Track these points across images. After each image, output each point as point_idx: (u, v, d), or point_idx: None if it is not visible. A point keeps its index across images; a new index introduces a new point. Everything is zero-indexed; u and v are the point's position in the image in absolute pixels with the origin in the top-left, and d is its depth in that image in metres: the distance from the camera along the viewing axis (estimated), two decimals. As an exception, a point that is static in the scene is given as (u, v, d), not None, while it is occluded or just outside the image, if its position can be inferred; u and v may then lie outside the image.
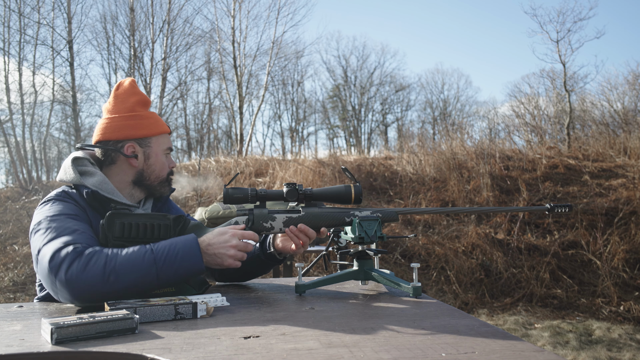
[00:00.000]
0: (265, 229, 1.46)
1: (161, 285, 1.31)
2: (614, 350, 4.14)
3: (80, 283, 1.23)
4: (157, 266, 1.28)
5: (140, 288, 1.28)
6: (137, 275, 1.27)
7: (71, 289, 1.24)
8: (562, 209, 1.53)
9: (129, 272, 1.26)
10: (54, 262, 1.26)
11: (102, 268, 1.25)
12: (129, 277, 1.26)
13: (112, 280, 1.24)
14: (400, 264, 6.37)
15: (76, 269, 1.24)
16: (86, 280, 1.23)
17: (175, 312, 1.19)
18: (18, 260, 7.06)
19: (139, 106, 1.61)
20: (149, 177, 1.61)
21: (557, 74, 14.86)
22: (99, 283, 1.24)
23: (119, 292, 1.26)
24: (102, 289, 1.24)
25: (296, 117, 25.09)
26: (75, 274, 1.24)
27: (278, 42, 15.65)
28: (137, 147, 1.58)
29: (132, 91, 1.61)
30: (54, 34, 12.80)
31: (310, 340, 0.98)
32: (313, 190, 1.47)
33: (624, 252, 6.13)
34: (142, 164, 1.59)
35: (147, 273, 1.28)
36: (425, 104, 26.96)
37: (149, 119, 1.61)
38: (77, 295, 1.24)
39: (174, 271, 1.30)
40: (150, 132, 1.60)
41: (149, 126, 1.60)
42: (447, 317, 1.17)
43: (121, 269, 1.26)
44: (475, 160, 8.10)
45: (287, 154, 19.68)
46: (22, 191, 10.38)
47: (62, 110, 16.33)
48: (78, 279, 1.23)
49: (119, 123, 1.58)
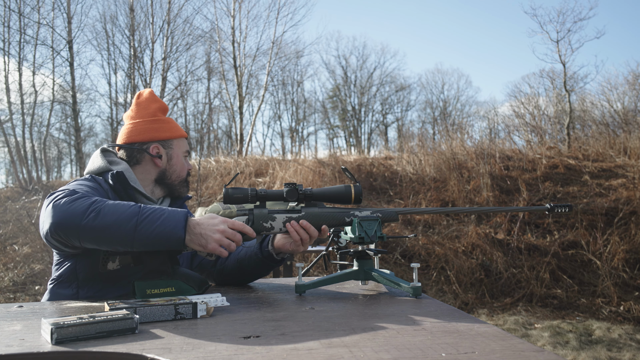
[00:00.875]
0: (266, 228, 1.46)
1: (136, 241, 1.31)
2: (614, 350, 4.14)
3: (63, 211, 1.32)
4: (138, 218, 1.31)
5: (116, 235, 1.31)
6: (117, 219, 1.31)
7: (54, 213, 1.32)
8: (562, 209, 1.53)
9: (109, 214, 1.31)
10: (52, 197, 1.38)
11: (87, 205, 1.33)
12: (107, 219, 1.30)
13: (92, 217, 1.30)
14: (400, 264, 6.37)
15: (64, 201, 1.34)
16: (68, 209, 1.32)
17: (176, 312, 1.19)
18: (18, 260, 7.06)
19: (160, 112, 1.76)
20: (171, 176, 1.74)
21: (557, 74, 14.86)
22: (79, 215, 1.31)
23: (94, 230, 1.30)
24: (79, 221, 1.30)
25: (296, 117, 25.11)
26: (62, 204, 1.33)
27: (278, 42, 15.67)
28: (161, 149, 1.72)
29: (153, 99, 1.76)
30: (54, 34, 12.80)
31: (310, 340, 0.98)
32: (313, 190, 1.47)
33: (624, 252, 6.13)
34: (165, 164, 1.72)
35: (127, 221, 1.31)
36: (425, 104, 26.98)
37: (169, 123, 1.76)
38: (56, 222, 1.31)
39: (152, 230, 1.31)
40: (171, 135, 1.74)
41: (170, 130, 1.74)
42: (447, 317, 1.17)
43: (104, 210, 1.32)
44: (475, 160, 8.10)
45: (287, 154, 19.68)
46: (22, 191, 10.38)
47: (62, 110, 16.33)
48: (62, 208, 1.32)
49: (143, 127, 1.72)
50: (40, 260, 6.99)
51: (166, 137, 1.73)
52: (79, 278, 1.54)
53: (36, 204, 9.10)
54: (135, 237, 1.30)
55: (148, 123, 1.72)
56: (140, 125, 1.72)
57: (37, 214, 8.58)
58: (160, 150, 1.72)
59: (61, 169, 25.76)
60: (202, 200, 8.09)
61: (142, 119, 1.72)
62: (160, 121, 1.74)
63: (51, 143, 19.84)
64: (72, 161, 23.93)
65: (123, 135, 1.73)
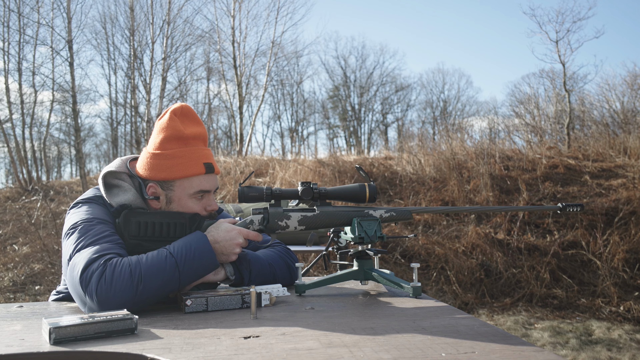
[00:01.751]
0: (280, 227, 1.46)
1: (182, 286, 1.32)
2: (614, 351, 4.14)
3: (110, 297, 1.22)
4: (179, 269, 1.30)
5: (165, 292, 1.30)
6: (163, 280, 1.27)
7: (101, 304, 1.22)
8: (574, 209, 1.53)
9: (154, 278, 1.26)
10: (84, 275, 1.25)
11: (129, 278, 1.24)
12: (155, 283, 1.26)
13: (141, 290, 1.24)
14: (400, 264, 6.37)
15: (104, 284, 1.22)
16: (115, 293, 1.22)
17: (242, 301, 1.29)
18: (18, 261, 7.05)
19: (170, 143, 1.47)
20: None
21: (557, 74, 14.87)
22: (129, 293, 1.23)
23: (147, 300, 1.27)
24: (131, 298, 1.23)
25: (296, 117, 25.10)
26: (105, 289, 1.22)
27: (277, 42, 15.66)
28: (159, 189, 1.49)
29: (167, 125, 1.48)
30: (53, 33, 12.80)
31: (310, 340, 0.98)
32: (328, 189, 1.48)
33: (624, 252, 6.13)
34: (163, 206, 1.50)
35: (171, 277, 1.29)
36: (426, 104, 26.98)
37: (177, 159, 1.46)
38: (104, 305, 1.23)
39: (194, 271, 1.33)
40: (171, 175, 1.46)
41: (172, 167, 1.46)
42: (447, 317, 1.17)
43: (147, 276, 1.25)
44: (475, 160, 8.09)
45: (287, 154, 19.68)
46: (22, 191, 10.37)
47: (62, 110, 16.33)
48: (108, 293, 1.22)
49: (146, 160, 1.50)
50: (40, 260, 6.99)
51: (163, 177, 1.47)
52: None
53: (36, 204, 9.10)
54: (181, 285, 1.32)
55: (150, 157, 1.48)
56: (145, 158, 1.51)
57: (36, 214, 8.58)
58: (157, 190, 1.49)
59: (61, 169, 25.77)
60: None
61: (149, 150, 1.50)
62: (162, 156, 1.47)
63: (51, 143, 19.83)
64: (72, 161, 23.94)
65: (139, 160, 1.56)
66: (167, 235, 1.41)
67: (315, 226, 1.46)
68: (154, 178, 1.48)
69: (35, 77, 12.68)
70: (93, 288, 1.22)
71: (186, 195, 1.48)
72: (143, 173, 1.50)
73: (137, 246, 1.39)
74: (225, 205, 3.47)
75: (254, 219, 1.47)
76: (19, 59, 12.51)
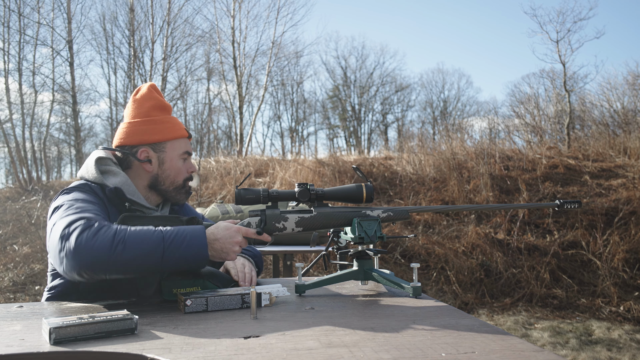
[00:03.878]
0: (278, 229, 1.46)
1: (164, 268, 1.30)
2: (614, 351, 4.14)
3: (87, 250, 1.22)
4: (164, 245, 1.28)
5: (144, 266, 1.27)
6: (144, 250, 1.26)
7: (78, 255, 1.22)
8: (572, 205, 1.53)
9: (136, 245, 1.26)
10: (65, 230, 1.26)
11: (111, 237, 1.25)
12: (135, 250, 1.25)
13: (119, 251, 1.24)
14: (400, 264, 6.37)
15: (86, 237, 1.24)
16: (93, 247, 1.23)
17: (242, 301, 1.29)
18: (18, 261, 7.06)
19: (156, 111, 1.63)
20: (164, 182, 1.63)
21: (557, 74, 14.87)
22: (106, 251, 1.23)
23: (123, 264, 1.25)
24: (108, 258, 1.23)
25: (296, 117, 25.10)
26: (85, 241, 1.23)
27: (278, 43, 15.67)
28: (151, 152, 1.61)
29: (149, 96, 1.64)
30: (53, 34, 12.80)
31: (310, 340, 0.98)
32: (325, 190, 1.48)
33: (624, 252, 6.13)
34: (156, 169, 1.62)
35: (154, 250, 1.27)
36: (426, 104, 26.98)
37: (165, 123, 1.62)
38: (83, 262, 1.23)
39: (180, 255, 1.30)
40: (164, 137, 1.61)
41: (163, 131, 1.61)
42: (447, 317, 1.17)
43: (129, 241, 1.25)
44: (475, 160, 8.09)
45: (287, 154, 19.67)
46: (22, 191, 10.37)
47: (62, 110, 16.32)
48: (86, 245, 1.23)
49: (134, 128, 1.61)
50: (40, 260, 6.99)
51: (157, 139, 1.60)
52: (79, 289, 1.49)
53: (36, 204, 9.10)
54: (163, 264, 1.29)
55: (139, 124, 1.61)
56: (131, 126, 1.62)
57: (36, 214, 8.58)
58: (149, 154, 1.60)
59: (61, 169, 25.76)
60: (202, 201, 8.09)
61: (135, 119, 1.62)
62: (152, 122, 1.61)
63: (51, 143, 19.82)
64: (72, 161, 23.93)
65: (117, 136, 1.64)
66: None
67: (312, 227, 1.46)
68: (147, 142, 1.60)
69: (35, 77, 12.67)
70: (73, 236, 1.24)
71: (176, 155, 1.63)
72: (132, 140, 1.61)
73: None
74: (226, 206, 3.46)
75: (251, 221, 1.46)
76: (19, 59, 12.50)
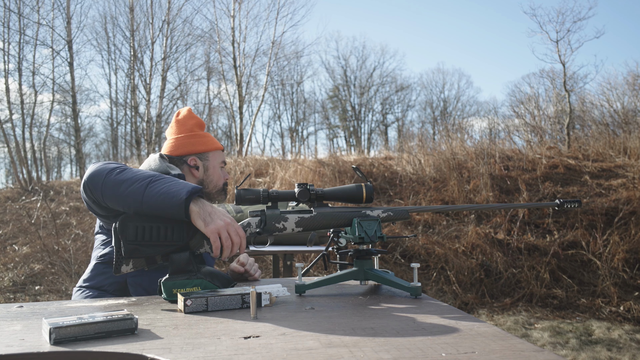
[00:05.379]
0: (278, 229, 1.46)
1: (145, 198, 1.36)
2: (614, 351, 4.14)
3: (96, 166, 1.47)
4: (152, 178, 1.41)
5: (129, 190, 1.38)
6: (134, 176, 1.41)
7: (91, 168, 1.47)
8: (572, 205, 1.52)
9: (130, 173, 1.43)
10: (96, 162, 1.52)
11: (117, 164, 1.48)
12: (127, 175, 1.42)
13: (116, 173, 1.42)
14: (400, 264, 6.37)
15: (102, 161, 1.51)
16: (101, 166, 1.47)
17: (242, 301, 1.29)
18: (18, 261, 7.05)
19: (197, 128, 1.95)
20: (208, 185, 1.92)
21: (557, 74, 14.87)
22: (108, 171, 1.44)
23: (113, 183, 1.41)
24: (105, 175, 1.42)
25: (296, 117, 25.10)
26: (100, 163, 1.50)
27: (278, 43, 15.66)
28: (198, 161, 1.91)
29: (190, 116, 1.96)
30: (53, 34, 12.80)
31: (310, 340, 0.98)
32: (325, 190, 1.48)
33: (624, 252, 6.13)
34: (202, 175, 1.91)
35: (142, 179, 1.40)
36: (426, 104, 26.99)
37: (207, 137, 1.95)
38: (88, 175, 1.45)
39: (161, 188, 1.37)
40: (207, 147, 1.92)
41: (206, 143, 1.93)
42: (447, 317, 1.17)
43: (129, 170, 1.45)
44: (475, 160, 8.09)
45: (287, 154, 19.68)
46: (22, 191, 10.37)
47: (62, 111, 16.33)
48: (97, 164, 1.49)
49: (182, 142, 1.91)
50: (40, 261, 6.99)
51: (202, 150, 1.91)
52: None
53: (36, 204, 9.09)
54: (145, 193, 1.36)
55: (186, 138, 1.91)
56: (179, 140, 1.91)
57: (36, 214, 8.58)
58: (197, 162, 1.90)
59: (61, 169, 25.77)
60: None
61: (181, 135, 1.92)
62: (197, 136, 1.92)
63: (51, 143, 19.84)
64: (72, 161, 23.93)
65: (165, 149, 1.92)
66: (164, 238, 1.39)
67: (312, 227, 1.46)
68: (194, 151, 1.91)
69: (35, 77, 12.68)
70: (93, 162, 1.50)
71: (217, 163, 1.94)
72: (181, 151, 1.90)
73: (135, 250, 1.38)
74: (226, 206, 3.46)
75: (251, 222, 1.46)
76: (19, 59, 12.50)
